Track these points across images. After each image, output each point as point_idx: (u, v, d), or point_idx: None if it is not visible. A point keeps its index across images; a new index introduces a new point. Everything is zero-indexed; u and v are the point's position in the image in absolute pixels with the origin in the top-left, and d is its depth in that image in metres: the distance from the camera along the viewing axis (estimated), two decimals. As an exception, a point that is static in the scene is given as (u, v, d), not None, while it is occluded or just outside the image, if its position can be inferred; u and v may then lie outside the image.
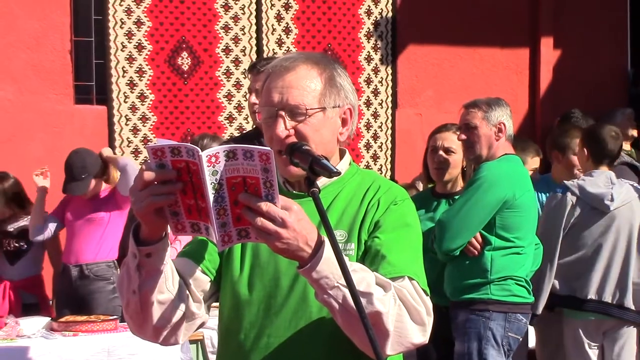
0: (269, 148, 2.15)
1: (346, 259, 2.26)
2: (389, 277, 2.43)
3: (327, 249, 2.28)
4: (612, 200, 5.65)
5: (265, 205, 2.18)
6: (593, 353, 5.72)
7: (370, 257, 2.53)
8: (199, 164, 2.15)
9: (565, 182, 5.89)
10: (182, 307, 2.51)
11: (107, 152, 7.15)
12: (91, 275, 6.92)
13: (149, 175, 2.22)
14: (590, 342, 5.71)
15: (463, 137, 5.35)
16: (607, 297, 5.68)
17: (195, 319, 2.56)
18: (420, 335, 2.43)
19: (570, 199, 5.72)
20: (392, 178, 8.71)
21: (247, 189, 2.19)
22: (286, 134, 2.53)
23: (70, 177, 6.92)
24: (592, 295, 5.67)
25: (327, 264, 2.27)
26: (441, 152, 5.57)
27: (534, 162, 6.56)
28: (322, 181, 2.51)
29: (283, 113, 2.54)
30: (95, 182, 6.96)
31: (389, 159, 9.24)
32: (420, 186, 7.49)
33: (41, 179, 7.04)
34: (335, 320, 2.37)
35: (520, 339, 5.27)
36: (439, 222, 5.21)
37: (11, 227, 7.17)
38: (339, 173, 2.36)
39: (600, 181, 5.72)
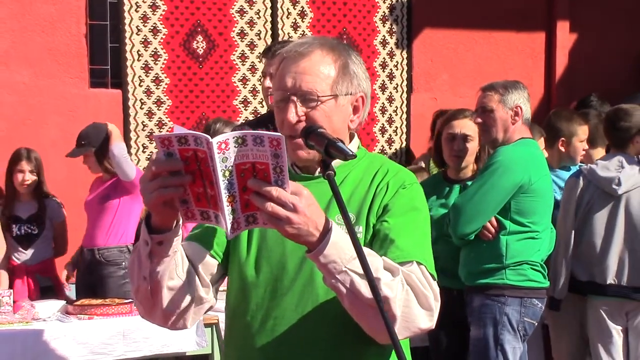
0: (279, 134, 2.15)
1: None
2: (398, 262, 2.43)
3: (335, 233, 2.28)
4: (619, 184, 5.62)
5: (275, 191, 2.18)
6: (617, 334, 5.70)
7: (378, 241, 2.53)
8: (208, 151, 2.14)
9: (580, 166, 5.88)
10: (191, 292, 2.52)
11: (111, 126, 6.98)
12: (102, 260, 6.93)
13: (157, 166, 2.23)
14: (614, 324, 5.69)
15: (479, 120, 5.34)
16: (625, 281, 5.65)
17: (204, 303, 2.57)
18: (427, 320, 2.42)
19: (582, 182, 5.72)
20: (407, 162, 8.70)
21: (256, 174, 2.18)
22: (297, 120, 2.54)
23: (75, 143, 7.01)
24: (610, 280, 5.65)
25: (335, 248, 2.27)
26: (461, 140, 5.55)
27: (539, 144, 6.53)
28: (330, 163, 2.51)
29: (295, 98, 2.55)
30: (94, 158, 6.95)
31: (404, 143, 9.23)
32: (423, 165, 7.48)
33: None
34: (342, 304, 2.37)
35: (536, 324, 5.27)
36: (454, 206, 5.20)
37: (23, 214, 7.15)
38: (354, 156, 2.36)
39: (612, 165, 5.71)
